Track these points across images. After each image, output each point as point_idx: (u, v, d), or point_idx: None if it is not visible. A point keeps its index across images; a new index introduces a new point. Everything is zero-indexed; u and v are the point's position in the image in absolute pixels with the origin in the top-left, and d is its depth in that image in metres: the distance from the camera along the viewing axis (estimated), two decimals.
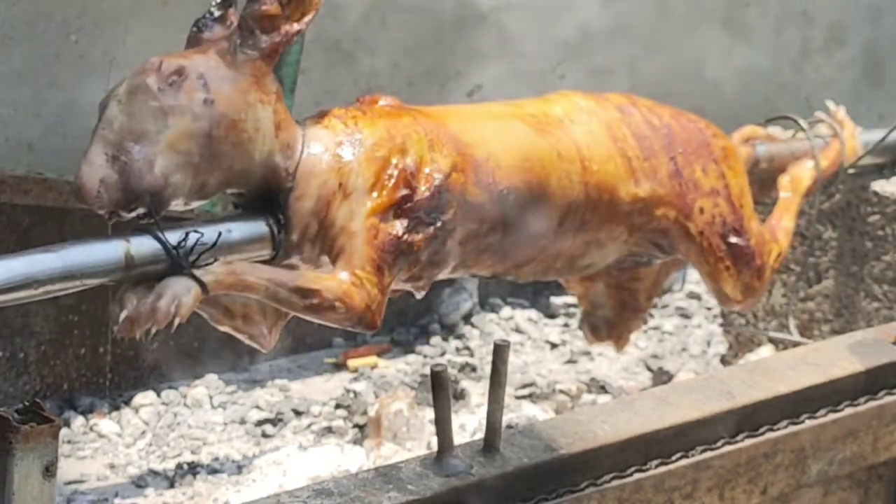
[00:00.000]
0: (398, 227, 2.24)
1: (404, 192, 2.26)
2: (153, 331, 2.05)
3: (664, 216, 2.62)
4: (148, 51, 3.23)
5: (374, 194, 2.23)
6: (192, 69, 2.12)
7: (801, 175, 2.99)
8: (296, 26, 2.18)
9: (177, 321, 2.05)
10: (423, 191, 2.27)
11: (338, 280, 2.19)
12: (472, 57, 3.70)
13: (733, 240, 2.70)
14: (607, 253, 2.61)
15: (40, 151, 3.13)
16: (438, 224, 2.28)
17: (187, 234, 2.09)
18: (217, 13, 2.24)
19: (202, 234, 2.10)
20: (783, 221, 2.89)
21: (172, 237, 2.08)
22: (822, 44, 4.33)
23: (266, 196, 2.21)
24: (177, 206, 2.15)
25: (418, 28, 3.62)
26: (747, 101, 4.13)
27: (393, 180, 2.25)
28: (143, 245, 2.06)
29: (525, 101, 2.58)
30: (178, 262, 2.06)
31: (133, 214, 2.09)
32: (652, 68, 4.01)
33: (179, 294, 2.05)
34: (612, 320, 2.87)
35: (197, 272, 2.06)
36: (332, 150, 2.24)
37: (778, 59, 4.27)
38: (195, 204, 2.18)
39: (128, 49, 3.18)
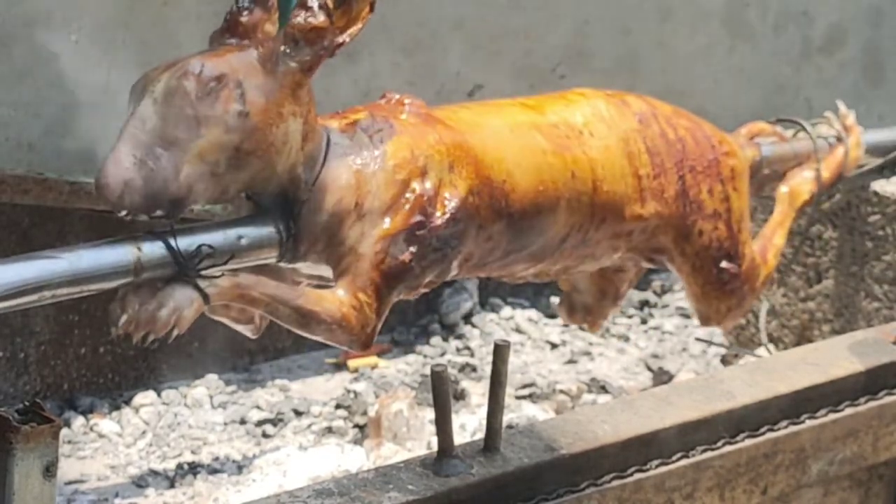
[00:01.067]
0: (407, 253, 2.22)
1: (418, 218, 2.23)
2: (151, 337, 2.04)
3: (663, 236, 2.61)
4: (148, 51, 3.24)
5: (388, 219, 2.20)
6: (232, 77, 2.08)
7: (800, 189, 2.96)
8: (340, 38, 2.13)
9: (175, 332, 2.05)
10: (437, 217, 2.25)
11: (338, 302, 2.18)
12: (472, 57, 3.69)
13: (725, 265, 2.69)
14: (601, 263, 2.61)
15: (40, 151, 3.13)
16: (448, 251, 2.27)
17: (199, 248, 2.07)
18: None
19: (214, 250, 2.08)
20: (775, 238, 2.88)
21: (182, 242, 2.06)
22: (822, 44, 4.32)
23: (280, 198, 2.19)
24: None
25: (418, 28, 3.62)
26: (747, 101, 4.13)
27: (409, 205, 2.22)
28: (153, 250, 2.05)
29: (548, 100, 2.54)
30: (184, 271, 2.05)
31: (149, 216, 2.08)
32: (652, 68, 4.01)
33: (181, 306, 2.03)
34: (590, 305, 2.87)
35: (202, 283, 2.05)
36: (353, 166, 2.20)
37: (778, 59, 4.27)
38: (207, 206, 2.18)
39: (128, 49, 3.18)
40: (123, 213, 2.05)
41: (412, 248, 2.22)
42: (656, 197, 2.56)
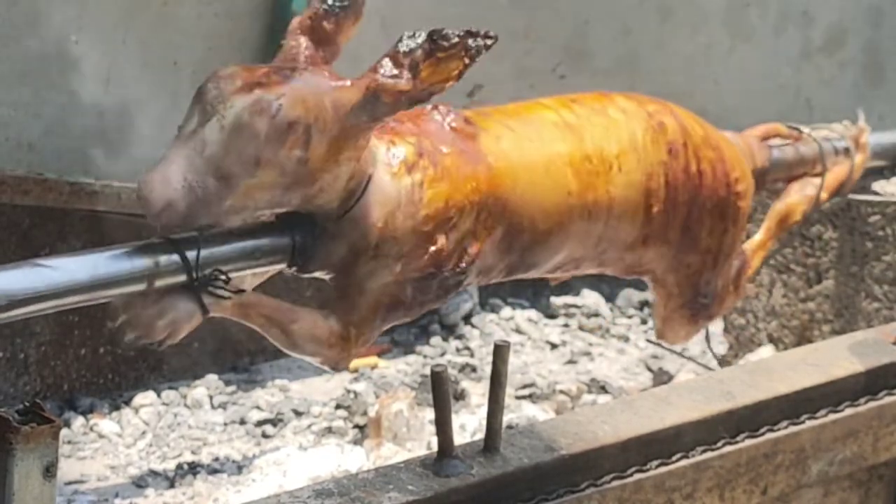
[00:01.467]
0: (410, 296, 2.22)
1: (431, 270, 2.22)
2: (143, 341, 2.03)
3: (653, 262, 2.61)
4: (148, 51, 3.24)
5: (401, 265, 2.19)
6: (303, 122, 2.02)
7: (793, 209, 2.93)
8: (420, 95, 2.07)
9: (168, 342, 2.04)
10: (449, 268, 2.24)
11: (328, 332, 2.17)
12: None
13: (701, 299, 2.69)
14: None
15: (40, 151, 3.13)
16: (450, 293, 2.27)
17: (214, 271, 2.05)
18: (346, 2, 2.16)
19: (228, 279, 2.07)
20: (754, 260, 2.85)
21: (192, 254, 2.05)
22: (822, 44, 4.33)
23: (305, 218, 2.16)
24: None
25: (418, 28, 3.61)
26: (747, 101, 4.13)
27: (426, 257, 2.20)
28: (168, 261, 2.03)
29: (593, 116, 2.48)
30: (193, 286, 2.03)
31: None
32: (652, 68, 4.01)
33: (180, 320, 2.03)
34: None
35: (207, 298, 2.04)
36: (385, 207, 2.16)
37: (778, 59, 4.27)
38: None
39: (128, 49, 3.18)
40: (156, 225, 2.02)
41: (416, 294, 2.22)
42: (659, 233, 2.55)
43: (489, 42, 2.08)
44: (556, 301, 4.05)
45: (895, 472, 2.69)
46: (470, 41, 2.07)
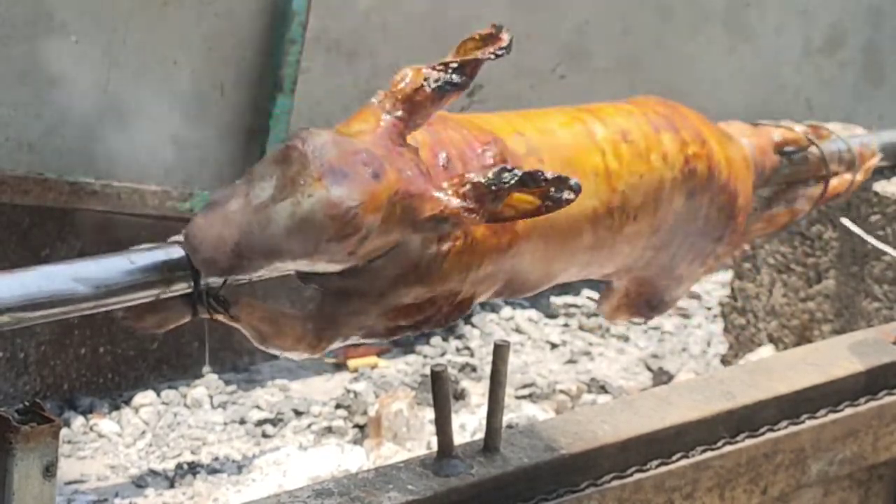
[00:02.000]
0: (393, 332, 2.22)
1: (422, 321, 2.21)
2: (129, 323, 2.05)
3: (625, 281, 2.60)
4: (148, 51, 3.24)
5: (392, 313, 2.17)
6: (369, 227, 1.99)
7: (776, 221, 2.90)
8: (486, 219, 2.04)
9: (152, 331, 2.05)
10: (443, 314, 2.25)
11: (303, 337, 2.16)
12: None
13: (653, 310, 2.68)
14: None
15: (40, 151, 3.14)
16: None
17: (221, 297, 2.06)
18: (460, 80, 2.12)
19: (230, 303, 2.07)
20: (717, 264, 2.82)
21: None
22: (822, 44, 4.33)
23: None
24: None
25: (418, 28, 3.62)
26: (747, 101, 4.13)
27: (419, 315, 2.19)
28: (182, 277, 2.03)
29: (634, 161, 2.40)
30: (195, 301, 2.05)
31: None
32: (652, 68, 4.01)
33: (170, 318, 2.04)
34: None
35: (202, 310, 2.05)
36: (403, 268, 2.13)
37: (778, 59, 4.27)
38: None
39: (128, 49, 3.18)
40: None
41: (399, 332, 2.22)
42: (647, 265, 2.54)
43: (571, 197, 2.04)
44: (556, 301, 4.05)
45: (895, 472, 2.69)
46: (553, 190, 2.03)
